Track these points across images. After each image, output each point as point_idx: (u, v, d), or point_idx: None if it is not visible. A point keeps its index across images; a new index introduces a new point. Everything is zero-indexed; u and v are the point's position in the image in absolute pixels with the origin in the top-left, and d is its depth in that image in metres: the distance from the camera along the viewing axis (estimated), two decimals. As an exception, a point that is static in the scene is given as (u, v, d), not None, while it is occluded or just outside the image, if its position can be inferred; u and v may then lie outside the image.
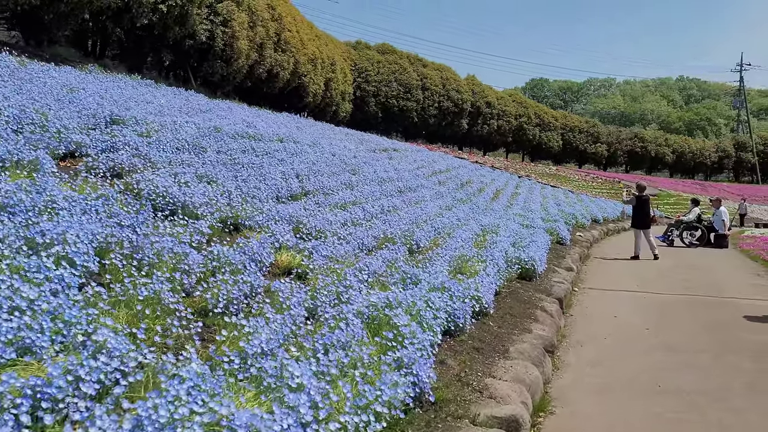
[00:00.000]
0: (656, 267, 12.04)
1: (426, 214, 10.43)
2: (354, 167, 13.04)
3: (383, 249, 6.80)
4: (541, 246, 9.27)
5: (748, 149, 65.80)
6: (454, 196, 14.68)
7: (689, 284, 9.98)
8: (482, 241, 9.13)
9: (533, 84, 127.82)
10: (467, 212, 12.53)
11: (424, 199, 12.70)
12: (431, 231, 8.72)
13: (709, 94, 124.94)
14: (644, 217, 13.52)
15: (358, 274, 5.38)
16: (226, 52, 20.81)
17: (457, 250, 7.58)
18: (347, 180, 11.26)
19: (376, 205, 9.65)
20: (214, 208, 6.14)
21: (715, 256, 14.36)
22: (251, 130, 12.47)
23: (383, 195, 11.29)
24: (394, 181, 13.45)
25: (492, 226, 10.76)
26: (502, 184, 23.27)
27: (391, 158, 19.51)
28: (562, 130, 58.68)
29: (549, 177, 39.89)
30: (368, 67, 45.83)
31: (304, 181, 9.64)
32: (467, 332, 5.04)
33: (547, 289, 7.51)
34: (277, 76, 27.09)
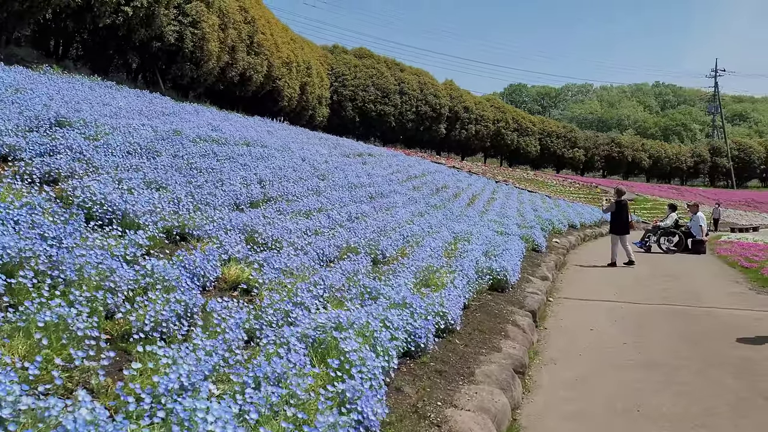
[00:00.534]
0: (633, 275, 11.74)
1: (396, 222, 10.00)
2: (323, 172, 12.58)
3: (345, 260, 6.35)
4: (514, 254, 8.88)
5: (723, 154, 66.50)
6: (428, 202, 14.28)
7: (667, 293, 9.66)
8: (453, 250, 8.71)
9: (512, 89, 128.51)
10: (440, 219, 12.12)
11: (395, 205, 12.27)
12: (399, 239, 8.28)
13: (685, 100, 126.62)
14: (623, 223, 13.24)
15: (313, 288, 4.92)
16: (195, 55, 20.24)
17: (425, 260, 7.15)
18: (315, 186, 10.80)
19: (343, 212, 9.19)
20: (158, 216, 5.64)
21: (693, 263, 14.12)
22: (216, 134, 11.96)
23: (352, 201, 10.84)
24: (365, 187, 13.02)
25: (464, 233, 10.36)
26: (479, 190, 22.95)
27: (365, 163, 19.07)
28: (540, 135, 58.77)
29: (527, 182, 39.75)
30: (345, 72, 45.44)
31: (267, 187, 9.16)
32: (430, 353, 4.61)
33: (519, 300, 7.10)
34: (250, 80, 26.56)
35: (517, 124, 57.20)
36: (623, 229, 13.21)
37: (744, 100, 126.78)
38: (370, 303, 4.94)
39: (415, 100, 48.22)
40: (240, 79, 25.96)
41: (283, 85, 30.75)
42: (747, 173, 68.36)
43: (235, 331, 3.70)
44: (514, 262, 8.22)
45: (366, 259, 6.63)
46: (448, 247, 8.80)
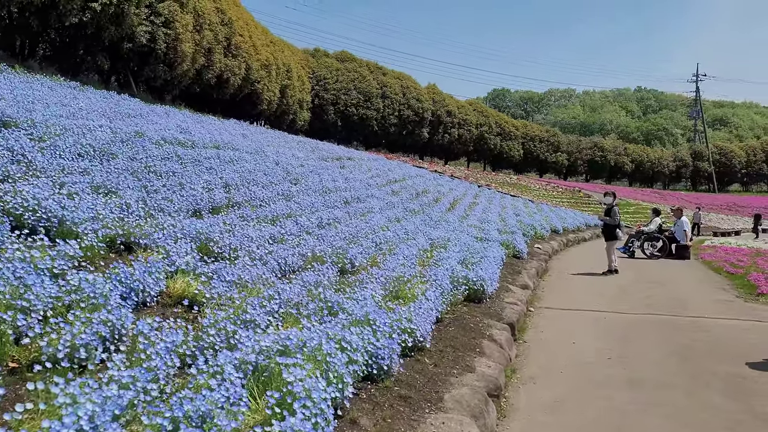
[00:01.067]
0: (617, 282, 11.37)
1: (370, 228, 9.54)
2: (297, 177, 12.10)
3: (308, 270, 5.87)
4: (493, 262, 8.45)
5: (705, 159, 66.85)
6: (407, 207, 13.84)
7: (652, 301, 9.29)
8: (428, 258, 8.27)
9: (495, 94, 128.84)
10: (417, 225, 11.68)
11: (372, 210, 11.82)
12: (371, 247, 7.82)
13: (666, 105, 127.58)
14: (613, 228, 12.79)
15: (266, 303, 4.44)
16: (169, 56, 19.66)
17: (397, 269, 6.69)
18: (286, 190, 10.31)
19: (314, 218, 8.71)
20: (100, 224, 5.13)
21: (678, 269, 13.80)
22: (184, 137, 11.44)
23: (325, 206, 10.36)
24: (341, 192, 12.55)
25: (442, 240, 9.93)
26: (460, 194, 22.56)
27: (344, 167, 18.61)
28: (523, 140, 58.65)
29: (509, 186, 39.49)
30: (327, 75, 44.99)
31: (233, 192, 8.67)
32: (394, 375, 4.15)
33: (497, 312, 6.66)
34: (228, 82, 26.02)
35: (500, 128, 57.02)
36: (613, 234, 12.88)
37: (724, 105, 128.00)
38: (330, 320, 4.47)
39: (398, 104, 47.84)
40: (217, 82, 25.42)
41: (262, 88, 30.23)
42: (728, 177, 68.75)
43: (165, 357, 3.21)
44: (493, 271, 7.79)
45: (332, 269, 6.15)
46: (424, 255, 8.35)
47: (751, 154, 67.34)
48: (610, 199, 12.86)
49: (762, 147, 68.14)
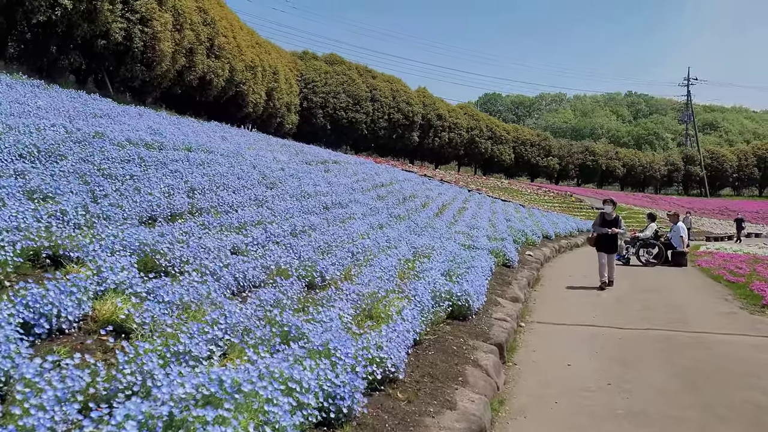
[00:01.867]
0: (612, 292, 10.73)
1: (349, 235, 8.85)
2: (274, 181, 11.40)
3: (269, 286, 5.18)
4: (481, 273, 7.78)
5: (697, 163, 66.61)
6: (391, 213, 13.16)
7: (651, 314, 8.64)
8: (410, 268, 7.58)
9: (486, 98, 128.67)
10: (402, 232, 11.00)
11: (353, 216, 11.13)
12: (346, 257, 7.13)
13: (657, 109, 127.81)
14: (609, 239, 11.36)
15: (209, 330, 3.74)
16: (146, 55, 18.91)
17: (373, 283, 6.01)
18: (260, 195, 9.61)
19: (286, 225, 8.02)
20: (21, 234, 4.42)
21: (675, 277, 13.19)
22: (153, 138, 10.72)
23: (302, 212, 9.66)
24: (321, 196, 11.86)
25: (426, 248, 9.25)
26: (450, 199, 21.91)
27: (328, 171, 17.92)
28: (514, 144, 58.18)
29: (500, 191, 38.93)
30: (315, 78, 44.33)
31: (198, 197, 7.97)
32: (357, 418, 3.46)
33: (484, 331, 5.98)
34: (211, 84, 25.30)
35: (491, 132, 56.53)
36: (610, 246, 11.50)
37: (714, 110, 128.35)
38: (285, 348, 3.77)
39: (388, 108, 47.24)
40: (199, 84, 24.69)
41: (247, 90, 29.52)
42: (720, 181, 68.54)
43: (52, 410, 2.50)
44: (480, 283, 7.11)
45: (298, 284, 5.46)
46: (405, 266, 7.67)
47: (742, 159, 67.19)
48: (610, 208, 11.36)
49: (753, 151, 68.01)
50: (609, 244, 11.25)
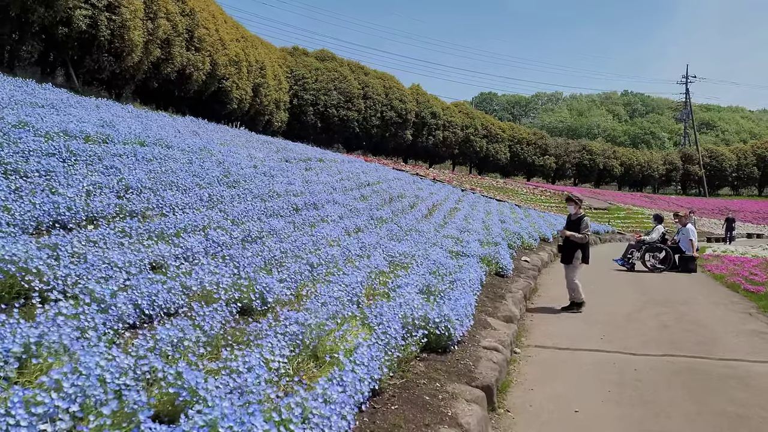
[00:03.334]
0: (620, 306, 9.47)
1: (315, 242, 7.58)
2: (239, 179, 10.12)
3: (177, 316, 3.91)
4: (468, 288, 6.52)
5: (695, 162, 65.46)
6: (373, 215, 11.88)
7: (669, 334, 7.39)
8: (382, 284, 6.31)
9: (482, 98, 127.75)
10: (381, 236, 9.73)
11: (326, 218, 9.86)
12: (304, 271, 5.85)
13: (653, 108, 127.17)
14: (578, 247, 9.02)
15: (53, 394, 2.47)
16: (114, 44, 17.59)
17: (328, 307, 4.73)
18: (215, 195, 8.33)
19: (238, 231, 6.75)
20: None
21: (687, 285, 11.95)
22: (99, 130, 9.44)
23: (264, 215, 8.39)
24: (293, 197, 10.60)
25: (406, 256, 7.98)
26: (441, 199, 20.64)
27: (309, 169, 16.64)
28: (510, 142, 56.93)
29: (496, 190, 37.69)
30: (306, 75, 43.04)
31: (133, 198, 6.68)
32: None
33: (468, 368, 4.70)
34: (190, 78, 24.00)
35: (486, 130, 55.26)
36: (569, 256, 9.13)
37: (711, 109, 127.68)
38: (157, 428, 2.49)
39: (380, 105, 45.97)
40: (178, 77, 23.40)
41: (231, 85, 28.22)
42: (718, 181, 67.37)
43: None
44: (466, 302, 5.84)
45: (225, 310, 4.18)
46: (376, 281, 6.39)
47: (741, 157, 66.05)
48: (573, 207, 9.08)
49: (752, 150, 66.88)
50: (565, 253, 9.09)
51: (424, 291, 6.15)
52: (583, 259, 8.94)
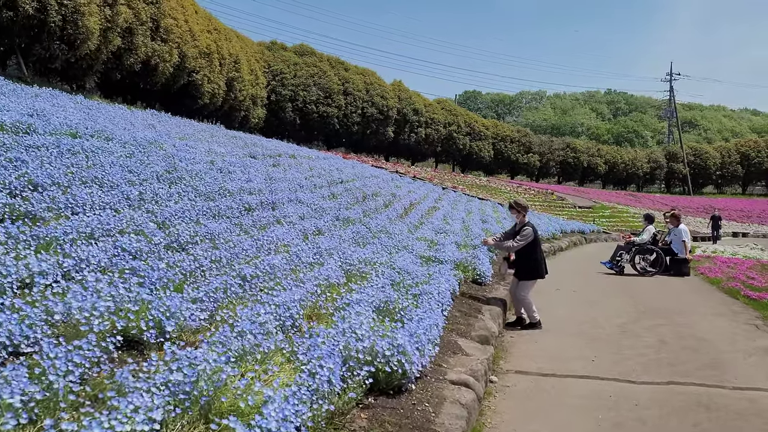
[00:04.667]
0: (612, 316, 8.47)
1: (260, 248, 6.47)
2: (184, 175, 8.98)
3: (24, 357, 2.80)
4: (437, 303, 5.47)
5: (680, 160, 65.02)
6: (340, 215, 10.79)
7: (669, 353, 6.38)
8: (331, 300, 5.22)
9: (466, 96, 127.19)
10: (345, 240, 8.63)
11: (283, 219, 8.77)
12: (228, 287, 4.72)
13: (636, 107, 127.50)
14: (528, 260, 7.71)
15: None
16: (67, 31, 16.30)
17: (246, 337, 3.62)
18: (150, 192, 7.19)
19: (161, 236, 5.63)
20: None
21: (682, 292, 11.00)
22: (20, 119, 8.29)
23: (204, 216, 7.26)
24: (248, 195, 9.48)
25: (367, 264, 6.90)
26: (420, 197, 19.58)
27: (277, 165, 15.53)
28: (494, 140, 56.04)
29: (478, 188, 36.74)
30: (284, 70, 41.80)
31: (33, 196, 5.54)
32: None
33: (428, 418, 3.61)
34: (156, 70, 22.68)
35: (469, 127, 54.31)
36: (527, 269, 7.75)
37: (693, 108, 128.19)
38: None
39: (361, 101, 44.83)
40: (143, 69, 22.08)
41: (202, 79, 26.92)
42: (702, 179, 66.95)
43: None
44: (431, 323, 4.77)
45: (95, 348, 3.06)
46: (323, 297, 5.28)
47: (725, 155, 65.70)
48: (514, 214, 7.89)
49: (736, 148, 66.57)
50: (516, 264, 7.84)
51: (382, 308, 5.07)
52: (529, 272, 7.60)
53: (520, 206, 7.82)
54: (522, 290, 7.55)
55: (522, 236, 7.57)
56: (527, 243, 7.55)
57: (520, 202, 7.89)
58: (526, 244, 7.55)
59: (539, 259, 7.69)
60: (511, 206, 7.90)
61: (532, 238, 7.57)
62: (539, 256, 7.72)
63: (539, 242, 7.88)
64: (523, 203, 7.88)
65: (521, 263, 7.72)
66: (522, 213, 7.80)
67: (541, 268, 7.66)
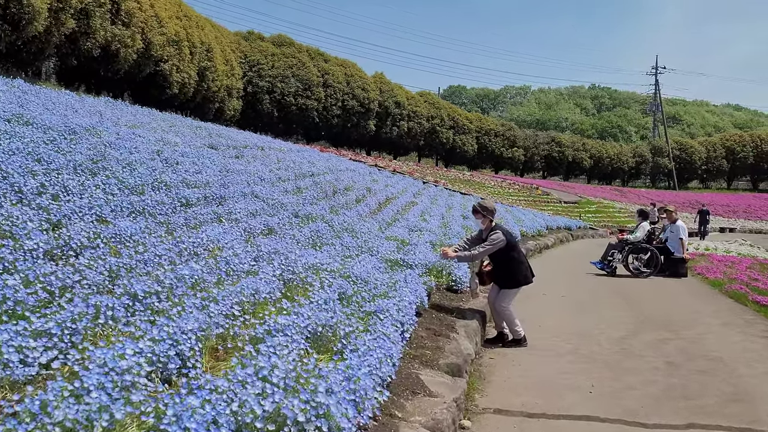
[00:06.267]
0: (607, 328, 7.33)
1: (181, 252, 5.23)
2: (113, 164, 7.70)
3: None
4: (392, 327, 4.26)
5: (665, 154, 64.36)
6: (300, 211, 9.55)
7: (681, 380, 5.24)
8: (250, 325, 3.97)
9: (451, 91, 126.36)
10: (299, 240, 7.39)
11: (229, 216, 7.51)
12: (102, 313, 3.46)
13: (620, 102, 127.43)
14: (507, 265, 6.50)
15: None
16: (11, 11, 14.89)
17: (92, 396, 2.40)
18: (54, 184, 5.91)
19: (40, 239, 4.37)
20: None
21: (683, 296, 9.91)
22: None
23: (121, 211, 6.00)
24: (189, 188, 8.22)
25: (315, 271, 5.67)
26: (397, 192, 18.37)
27: (240, 157, 14.26)
28: (478, 134, 54.93)
29: (461, 183, 35.63)
30: (261, 60, 40.36)
31: None
32: None
33: None
34: (118, 56, 21.22)
35: (453, 121, 53.15)
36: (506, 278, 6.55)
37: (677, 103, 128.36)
38: None
39: (342, 94, 43.51)
40: (103, 55, 20.62)
41: (170, 68, 25.47)
42: (688, 174, 66.35)
43: None
44: (381, 355, 3.56)
45: None
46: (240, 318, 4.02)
47: (711, 150, 65.11)
48: (479, 218, 6.61)
49: (722, 142, 66.02)
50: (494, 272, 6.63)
51: (319, 335, 3.85)
52: (510, 278, 6.42)
53: (486, 209, 6.51)
54: (502, 300, 6.36)
55: (491, 241, 6.33)
56: (498, 248, 6.33)
57: (486, 204, 6.60)
58: (499, 249, 6.33)
59: (521, 262, 6.49)
60: (476, 210, 6.59)
61: (504, 243, 6.33)
62: (520, 258, 6.51)
63: (516, 245, 6.62)
64: (489, 206, 6.58)
65: (499, 269, 6.52)
66: (488, 217, 6.53)
67: (523, 272, 6.45)
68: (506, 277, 6.43)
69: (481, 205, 6.61)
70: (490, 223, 6.53)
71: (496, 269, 6.51)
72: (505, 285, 6.42)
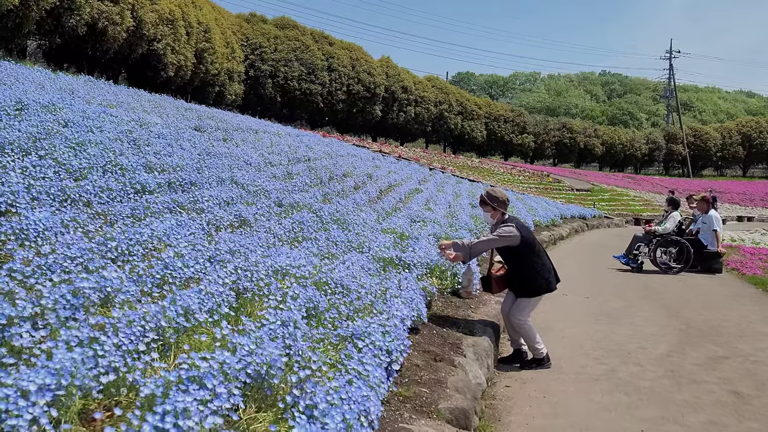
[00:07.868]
0: (648, 337, 6.10)
1: (104, 254, 4.03)
2: (56, 143, 6.51)
3: None
4: (379, 357, 3.05)
5: (679, 141, 62.64)
6: (285, 199, 8.34)
7: (759, 424, 4.02)
8: (153, 370, 2.78)
9: (459, 77, 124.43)
10: (276, 234, 6.18)
11: (192, 204, 6.31)
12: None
13: (631, 89, 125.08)
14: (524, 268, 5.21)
15: None
16: (-21, -19, 13.74)
17: None
18: None
19: None
20: None
21: (722, 296, 8.65)
22: None
23: (37, 200, 4.81)
24: (149, 172, 7.03)
25: (284, 275, 4.45)
26: (401, 179, 17.12)
27: (228, 140, 13.05)
28: (486, 119, 53.45)
29: (470, 170, 34.30)
30: (264, 43, 39.09)
31: None
32: None
33: None
34: (105, 34, 20.02)
35: (461, 106, 51.66)
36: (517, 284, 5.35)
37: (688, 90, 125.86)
38: None
39: (347, 78, 42.18)
40: (89, 33, 19.45)
41: (165, 48, 24.27)
42: (702, 161, 64.62)
43: None
44: (360, 409, 2.36)
45: None
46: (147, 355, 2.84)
47: (726, 137, 63.32)
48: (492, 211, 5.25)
49: (738, 129, 64.18)
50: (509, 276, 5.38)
51: (263, 379, 2.65)
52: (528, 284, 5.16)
53: (497, 200, 5.24)
54: (519, 312, 5.10)
55: (498, 234, 5.09)
56: (510, 246, 5.10)
57: (496, 194, 5.27)
58: (512, 248, 5.10)
59: (542, 264, 5.20)
60: (483, 200, 5.31)
61: (517, 239, 5.06)
62: (541, 259, 5.21)
63: (535, 243, 5.28)
64: (500, 196, 5.27)
65: (514, 273, 5.27)
66: (499, 209, 5.24)
67: (545, 276, 5.15)
68: (523, 283, 5.17)
69: (489, 194, 5.31)
70: (501, 216, 5.24)
71: (511, 273, 5.26)
72: (521, 292, 5.17)
